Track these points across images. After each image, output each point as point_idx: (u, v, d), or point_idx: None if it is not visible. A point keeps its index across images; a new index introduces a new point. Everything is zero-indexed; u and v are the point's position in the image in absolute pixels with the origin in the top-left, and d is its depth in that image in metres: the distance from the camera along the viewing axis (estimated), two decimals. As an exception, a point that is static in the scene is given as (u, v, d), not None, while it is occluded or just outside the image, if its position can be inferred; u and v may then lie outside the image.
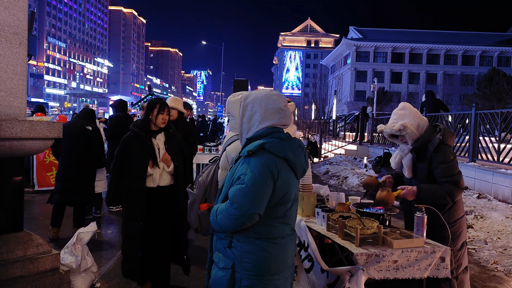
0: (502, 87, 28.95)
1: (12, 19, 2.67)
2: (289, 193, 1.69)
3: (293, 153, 1.67)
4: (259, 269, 1.64)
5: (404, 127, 2.48)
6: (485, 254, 4.47)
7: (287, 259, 1.73)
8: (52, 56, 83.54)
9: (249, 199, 1.58)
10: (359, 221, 2.26)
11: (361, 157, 13.35)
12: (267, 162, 1.62)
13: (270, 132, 1.69)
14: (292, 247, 1.77)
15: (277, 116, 1.71)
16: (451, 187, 2.39)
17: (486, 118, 7.42)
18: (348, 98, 48.09)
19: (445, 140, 2.50)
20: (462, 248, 2.55)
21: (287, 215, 1.71)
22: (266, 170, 1.61)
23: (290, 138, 1.73)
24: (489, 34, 55.39)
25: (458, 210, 2.53)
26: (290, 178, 1.68)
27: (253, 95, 1.77)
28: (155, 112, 3.01)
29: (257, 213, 1.59)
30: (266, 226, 1.66)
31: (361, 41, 51.38)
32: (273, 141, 1.66)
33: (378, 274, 2.09)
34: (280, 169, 1.63)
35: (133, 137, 3.00)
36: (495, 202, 6.35)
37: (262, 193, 1.59)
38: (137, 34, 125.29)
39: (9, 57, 2.65)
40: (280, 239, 1.68)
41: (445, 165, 2.42)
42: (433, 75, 50.67)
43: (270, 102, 1.72)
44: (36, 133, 2.58)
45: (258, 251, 1.64)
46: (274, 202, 1.65)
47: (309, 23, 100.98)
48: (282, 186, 1.64)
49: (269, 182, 1.60)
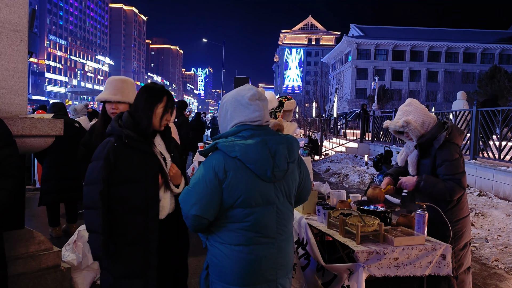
0: (504, 84, 28.89)
1: (13, 16, 2.67)
2: (249, 197, 1.53)
3: (251, 153, 1.51)
4: (223, 277, 1.57)
5: (407, 124, 2.46)
6: (486, 251, 4.47)
7: (260, 271, 1.56)
8: (53, 53, 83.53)
9: (190, 200, 1.55)
10: (360, 219, 2.27)
11: (362, 155, 13.35)
12: (214, 162, 1.55)
13: (238, 130, 1.59)
14: (269, 259, 1.58)
15: (245, 112, 1.60)
16: (452, 185, 2.38)
17: (488, 115, 7.41)
18: (349, 96, 48.01)
19: (452, 138, 2.46)
20: (464, 248, 2.53)
21: (252, 221, 1.54)
22: (210, 171, 1.53)
23: (259, 136, 1.57)
24: (490, 31, 55.23)
25: (462, 210, 2.51)
26: (248, 179, 1.53)
27: (228, 94, 1.70)
28: (160, 108, 2.01)
29: (197, 214, 1.52)
30: (226, 230, 1.57)
31: (362, 39, 51.24)
32: (229, 140, 1.56)
33: (378, 271, 2.09)
34: (229, 169, 1.52)
35: (127, 145, 1.94)
36: (496, 200, 6.34)
37: (203, 194, 1.52)
38: (137, 31, 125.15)
39: (9, 55, 2.65)
40: (244, 247, 1.54)
41: (449, 163, 2.40)
42: (434, 72, 50.55)
43: (239, 98, 1.62)
44: (37, 131, 2.58)
45: (221, 257, 1.58)
46: (228, 205, 1.54)
47: (310, 21, 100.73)
48: (233, 188, 1.52)
49: (212, 183, 1.52)
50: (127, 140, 1.93)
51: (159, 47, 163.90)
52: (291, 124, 3.82)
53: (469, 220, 2.59)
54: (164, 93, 2.05)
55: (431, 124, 2.50)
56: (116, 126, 1.97)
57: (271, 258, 1.59)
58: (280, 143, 1.60)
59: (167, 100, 2.04)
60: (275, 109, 3.62)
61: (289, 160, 1.62)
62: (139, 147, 1.96)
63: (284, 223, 1.65)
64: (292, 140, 1.67)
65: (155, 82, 2.15)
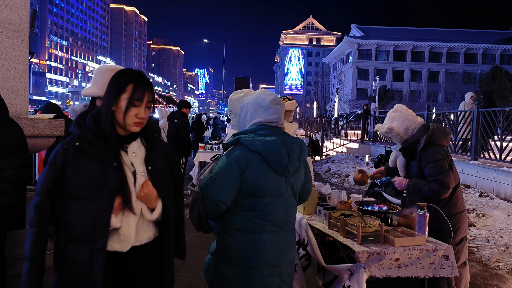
0: (505, 85, 28.85)
1: (14, 17, 2.67)
2: (264, 187, 1.70)
3: (270, 149, 1.70)
4: (232, 260, 1.72)
5: (390, 130, 2.64)
6: (487, 252, 4.46)
7: (266, 256, 1.72)
8: (54, 54, 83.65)
9: (213, 186, 1.71)
10: (360, 219, 2.26)
11: (362, 155, 13.34)
12: (237, 154, 1.72)
13: (257, 128, 1.78)
14: (275, 245, 1.74)
15: (265, 113, 1.80)
16: (436, 186, 2.52)
17: (489, 116, 7.39)
18: (350, 96, 47.98)
19: (434, 140, 2.60)
20: (461, 243, 2.62)
21: (264, 210, 1.71)
22: (234, 161, 1.70)
23: (276, 135, 1.75)
24: (491, 32, 55.16)
25: (456, 206, 2.62)
26: (265, 172, 1.71)
27: (249, 97, 1.89)
28: (124, 101, 1.51)
29: (220, 200, 1.68)
30: (240, 217, 1.73)
31: (363, 39, 51.22)
32: (250, 136, 1.74)
33: (379, 272, 2.08)
34: (249, 161, 1.70)
35: (80, 149, 1.49)
36: (497, 200, 6.33)
37: (225, 181, 1.69)
38: (138, 32, 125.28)
39: (10, 55, 2.66)
40: (255, 233, 1.71)
41: (431, 164, 2.55)
42: (435, 73, 50.50)
43: (259, 101, 1.82)
44: (38, 131, 2.58)
45: (232, 242, 1.73)
46: (245, 194, 1.71)
47: (310, 21, 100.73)
48: (251, 178, 1.69)
49: (235, 172, 1.69)
50: (78, 143, 1.48)
51: (160, 47, 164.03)
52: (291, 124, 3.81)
53: (465, 215, 2.68)
54: (130, 80, 1.52)
55: (416, 128, 2.64)
56: (74, 124, 1.55)
57: (277, 245, 1.75)
58: (294, 143, 1.77)
59: (134, 89, 1.50)
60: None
61: (301, 159, 1.79)
62: (96, 154, 1.47)
63: (290, 214, 1.82)
64: (303, 142, 1.85)
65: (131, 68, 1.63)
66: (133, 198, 1.52)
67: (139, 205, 1.55)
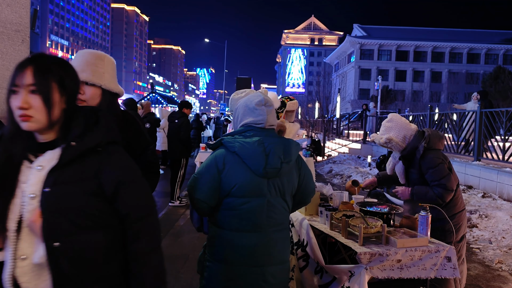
0: (508, 85, 28.76)
1: (15, 16, 2.67)
2: (242, 188, 1.73)
3: (247, 150, 1.73)
4: (216, 256, 1.79)
5: (389, 140, 2.65)
6: (490, 253, 4.44)
7: (246, 254, 1.74)
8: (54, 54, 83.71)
9: (194, 185, 1.79)
10: (362, 220, 2.25)
11: (365, 156, 13.31)
12: (216, 155, 1.79)
13: (244, 130, 1.83)
14: (256, 245, 1.75)
15: (252, 115, 1.84)
16: (440, 190, 2.55)
17: (492, 116, 7.36)
18: (352, 97, 47.91)
19: (432, 145, 2.64)
20: (461, 241, 2.69)
21: (243, 209, 1.74)
22: (213, 162, 1.78)
23: (260, 136, 1.78)
24: (494, 32, 54.96)
25: (456, 205, 2.66)
26: (243, 173, 1.74)
27: (241, 99, 1.95)
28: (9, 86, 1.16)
29: (200, 199, 1.76)
30: (222, 216, 1.79)
31: (365, 39, 51.13)
32: (233, 137, 1.79)
33: (381, 273, 2.07)
34: (227, 162, 1.75)
35: None
36: (500, 201, 6.30)
37: (205, 180, 1.76)
38: (139, 31, 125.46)
39: (11, 55, 2.65)
40: (235, 231, 1.75)
41: (432, 170, 2.58)
42: (438, 73, 50.38)
43: (248, 103, 1.87)
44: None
45: (216, 239, 1.81)
46: (225, 193, 1.77)
47: (312, 21, 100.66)
48: (229, 179, 1.74)
49: (214, 172, 1.76)
50: None
51: (160, 47, 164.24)
52: (293, 124, 3.79)
53: (464, 214, 2.74)
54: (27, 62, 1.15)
55: (412, 136, 2.68)
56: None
57: (260, 245, 1.76)
58: (276, 144, 1.78)
59: (14, 73, 1.15)
60: (277, 110, 3.60)
61: (283, 160, 1.78)
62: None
63: (275, 216, 1.81)
64: (291, 143, 1.84)
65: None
66: (10, 227, 1.14)
67: (23, 243, 1.14)
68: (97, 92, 1.74)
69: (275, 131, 1.93)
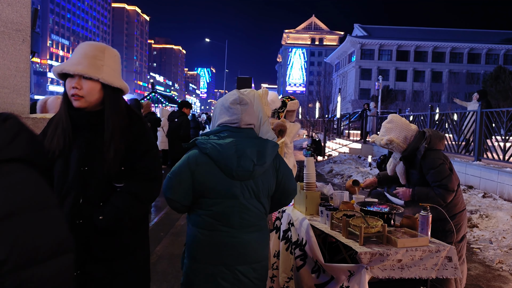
0: (508, 85, 28.73)
1: (15, 16, 2.67)
2: (213, 189, 1.75)
3: (219, 152, 1.72)
4: (190, 253, 1.82)
5: (391, 142, 2.65)
6: (490, 253, 4.43)
7: (216, 254, 1.75)
8: (55, 53, 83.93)
9: (167, 185, 1.80)
10: (363, 220, 2.24)
11: (365, 156, 13.30)
12: (190, 155, 1.79)
13: (219, 130, 1.83)
14: (227, 245, 1.76)
15: (226, 114, 1.84)
16: (441, 191, 2.55)
17: (492, 116, 7.35)
18: (353, 96, 47.89)
19: (432, 146, 2.64)
20: (462, 241, 2.71)
21: (214, 210, 1.76)
22: (185, 162, 1.78)
23: (234, 137, 1.77)
24: (495, 32, 54.92)
25: (457, 206, 2.67)
26: (214, 174, 1.74)
27: (219, 99, 1.95)
28: None
29: (172, 198, 1.78)
30: (195, 215, 1.82)
31: (366, 39, 51.11)
32: (206, 138, 1.80)
33: (382, 273, 2.07)
34: (199, 163, 1.76)
35: None
36: (500, 201, 6.29)
37: (177, 180, 1.77)
38: (140, 31, 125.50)
39: (12, 54, 2.65)
40: (207, 231, 1.77)
41: (433, 170, 2.58)
42: (438, 73, 50.35)
43: (224, 102, 1.87)
44: (39, 130, 2.57)
45: (191, 237, 1.83)
46: (197, 194, 1.78)
47: (313, 20, 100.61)
48: (200, 180, 1.75)
49: (186, 173, 1.76)
50: None
51: (161, 46, 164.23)
52: (294, 124, 3.79)
53: (465, 214, 2.74)
54: None
55: (413, 136, 2.68)
56: None
57: (231, 245, 1.77)
58: (249, 146, 1.76)
59: None
60: (278, 110, 3.60)
61: (256, 162, 1.76)
62: None
63: (248, 218, 1.80)
64: (266, 145, 1.82)
65: None
66: None
67: None
68: (95, 86, 1.63)
69: (277, 130, 1.93)
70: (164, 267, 3.84)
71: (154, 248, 4.37)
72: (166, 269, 3.79)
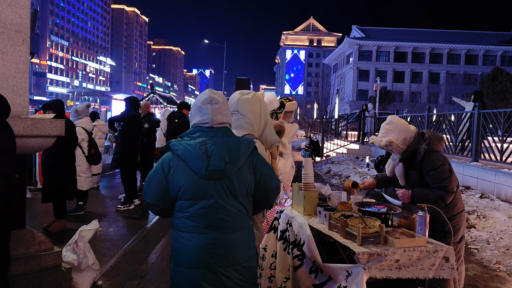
0: (506, 86, 28.83)
1: (15, 17, 2.67)
2: (187, 190, 1.73)
3: (189, 152, 1.73)
4: (174, 257, 1.83)
5: (390, 143, 2.65)
6: (488, 254, 4.46)
7: (196, 256, 1.73)
8: (54, 54, 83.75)
9: (145, 190, 1.84)
10: (361, 220, 2.26)
11: (363, 157, 13.33)
12: (164, 158, 1.80)
13: (193, 130, 1.84)
14: (207, 247, 1.73)
15: (198, 114, 1.84)
16: (441, 192, 2.56)
17: (489, 117, 7.39)
18: (351, 97, 47.97)
19: (432, 147, 2.64)
20: (461, 241, 2.72)
21: (191, 211, 1.75)
22: (160, 165, 1.79)
23: (205, 137, 1.77)
24: (492, 33, 55.13)
25: (456, 206, 2.67)
26: (187, 175, 1.73)
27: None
28: None
29: (150, 202, 1.80)
30: (174, 217, 1.83)
31: (363, 40, 51.22)
32: (178, 140, 1.80)
33: (379, 273, 2.08)
34: (172, 165, 1.76)
35: None
36: (497, 202, 6.32)
37: (153, 185, 1.79)
38: (139, 32, 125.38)
39: (11, 55, 2.66)
40: (186, 233, 1.77)
41: (433, 171, 2.59)
42: (436, 74, 50.50)
43: (196, 102, 1.88)
44: (39, 131, 2.58)
45: (173, 240, 1.84)
46: (173, 196, 1.78)
47: (311, 22, 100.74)
48: (174, 182, 1.75)
49: (160, 176, 1.77)
50: None
51: (160, 48, 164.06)
52: (292, 125, 3.81)
53: (464, 215, 2.75)
54: None
55: (412, 137, 2.68)
56: None
57: (211, 247, 1.74)
58: (220, 145, 1.75)
59: None
60: (276, 110, 3.62)
61: (228, 161, 1.73)
62: None
63: (226, 218, 1.77)
64: (239, 143, 1.80)
65: None
66: None
67: None
68: None
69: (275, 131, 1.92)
70: (163, 267, 3.85)
71: (153, 248, 4.38)
72: (165, 269, 3.79)
